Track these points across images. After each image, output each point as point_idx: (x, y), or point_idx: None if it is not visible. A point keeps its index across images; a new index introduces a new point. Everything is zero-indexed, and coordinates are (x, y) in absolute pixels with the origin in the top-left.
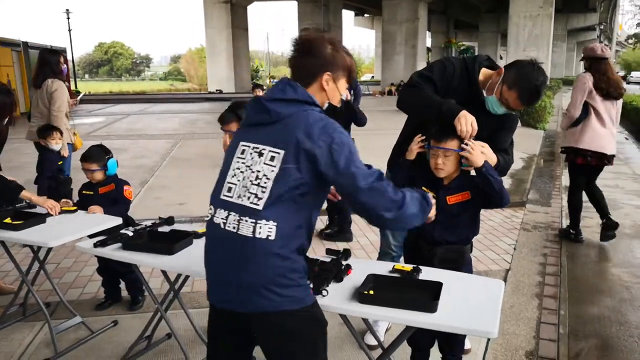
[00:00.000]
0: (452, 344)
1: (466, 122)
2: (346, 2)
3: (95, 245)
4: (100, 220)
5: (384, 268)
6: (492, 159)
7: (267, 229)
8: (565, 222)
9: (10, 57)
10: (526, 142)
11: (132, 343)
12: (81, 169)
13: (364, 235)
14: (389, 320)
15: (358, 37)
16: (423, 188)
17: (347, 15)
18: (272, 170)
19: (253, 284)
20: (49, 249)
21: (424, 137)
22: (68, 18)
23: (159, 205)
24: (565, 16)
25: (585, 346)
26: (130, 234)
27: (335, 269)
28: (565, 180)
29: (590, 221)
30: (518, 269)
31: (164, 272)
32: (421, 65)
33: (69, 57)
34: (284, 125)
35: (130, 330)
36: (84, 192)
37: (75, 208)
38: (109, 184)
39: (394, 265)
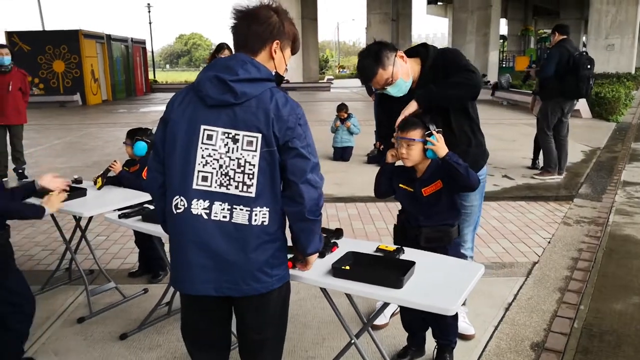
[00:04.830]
0: (442, 328)
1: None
2: None
3: (120, 216)
4: (132, 195)
5: (369, 247)
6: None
7: (262, 215)
8: (613, 218)
9: (95, 48)
10: (592, 134)
11: (151, 309)
12: None
13: (372, 223)
14: (357, 293)
15: (431, 25)
16: (400, 185)
17: (420, 3)
18: (254, 156)
19: (250, 269)
20: (89, 220)
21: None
22: (149, 11)
23: None
24: None
25: (597, 342)
26: (152, 207)
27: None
28: (625, 175)
29: None
30: (546, 263)
31: None
32: (493, 54)
33: (148, 49)
34: (252, 107)
35: (158, 298)
36: (124, 167)
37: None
38: (135, 165)
39: (378, 245)
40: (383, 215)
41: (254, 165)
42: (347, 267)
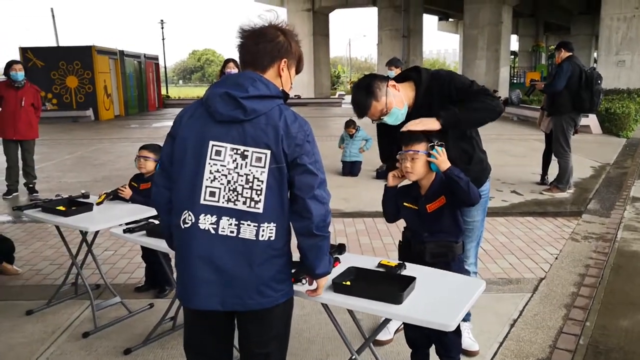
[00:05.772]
0: (445, 344)
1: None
2: (428, 7)
3: (124, 231)
4: (138, 210)
5: (371, 263)
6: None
7: (269, 231)
8: (621, 234)
9: (108, 64)
10: (602, 150)
11: (156, 324)
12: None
13: (380, 238)
14: (357, 309)
15: (443, 41)
16: (405, 204)
17: (431, 20)
18: (262, 172)
19: (256, 284)
20: (95, 234)
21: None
22: (162, 28)
23: None
24: None
25: (603, 359)
26: (157, 222)
27: None
28: (634, 191)
29: None
30: (553, 279)
31: None
32: (504, 70)
33: (161, 65)
34: (261, 124)
35: (163, 313)
36: (132, 182)
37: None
38: (147, 182)
39: (380, 261)
40: (390, 230)
41: (262, 182)
42: (348, 283)
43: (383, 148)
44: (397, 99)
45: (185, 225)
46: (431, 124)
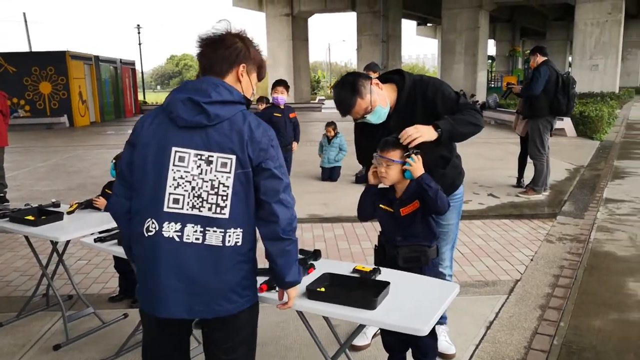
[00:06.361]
0: (421, 348)
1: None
2: (407, 12)
3: (95, 240)
4: (109, 219)
5: (346, 269)
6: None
7: (235, 237)
8: (594, 235)
9: (83, 70)
10: (576, 153)
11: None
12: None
13: (358, 243)
14: (331, 315)
15: (421, 46)
16: (380, 205)
17: (410, 25)
18: (228, 178)
19: (223, 290)
20: (66, 244)
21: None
22: (139, 33)
23: None
24: None
25: (576, 359)
26: None
27: None
28: (607, 193)
29: (622, 235)
30: (528, 280)
31: None
32: (481, 74)
33: (138, 70)
34: (225, 129)
35: (137, 323)
36: (105, 190)
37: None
38: None
39: (355, 266)
40: (369, 235)
41: (227, 187)
42: (322, 289)
43: (361, 149)
44: (380, 98)
45: (149, 234)
46: (429, 134)
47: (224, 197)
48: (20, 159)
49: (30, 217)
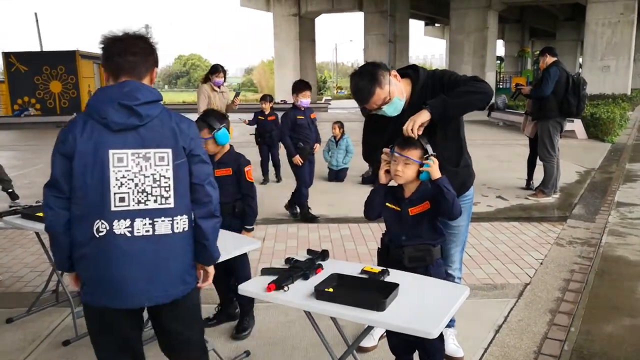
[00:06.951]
0: (429, 351)
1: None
2: (415, 12)
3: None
4: None
5: (354, 269)
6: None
7: (182, 223)
8: (606, 239)
9: (92, 69)
10: (587, 155)
11: None
12: None
13: (365, 244)
14: (339, 316)
15: (429, 46)
16: (387, 204)
17: (417, 25)
18: (167, 169)
19: (177, 274)
20: None
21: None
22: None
23: None
24: None
25: None
26: None
27: (305, 268)
28: (619, 196)
29: (634, 239)
30: (538, 284)
31: None
32: (490, 75)
33: None
34: (156, 126)
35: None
36: None
37: None
38: (226, 168)
39: (363, 267)
40: (376, 235)
41: (169, 178)
42: (330, 290)
43: (368, 146)
44: (398, 89)
45: (100, 234)
46: (422, 117)
47: (167, 188)
48: (31, 157)
49: (41, 214)
